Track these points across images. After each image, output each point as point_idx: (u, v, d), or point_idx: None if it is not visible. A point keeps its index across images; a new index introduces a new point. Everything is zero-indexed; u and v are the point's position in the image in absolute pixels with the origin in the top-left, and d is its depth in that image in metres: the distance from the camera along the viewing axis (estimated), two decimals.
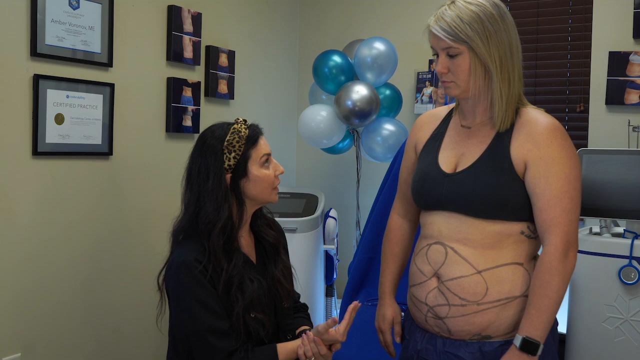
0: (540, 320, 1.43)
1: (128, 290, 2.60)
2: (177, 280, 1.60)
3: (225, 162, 1.63)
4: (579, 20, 3.02)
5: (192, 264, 1.57)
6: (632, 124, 2.68)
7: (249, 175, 1.65)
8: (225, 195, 1.62)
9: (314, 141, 3.16)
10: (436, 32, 1.50)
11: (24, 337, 2.21)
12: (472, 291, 1.49)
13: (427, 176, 1.60)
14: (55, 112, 2.28)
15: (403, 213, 1.81)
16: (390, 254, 1.80)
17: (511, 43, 1.51)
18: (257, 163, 1.66)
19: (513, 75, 1.51)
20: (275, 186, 1.71)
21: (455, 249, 1.52)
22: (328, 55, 3.13)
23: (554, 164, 1.46)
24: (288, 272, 1.82)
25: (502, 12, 1.51)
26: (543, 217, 1.46)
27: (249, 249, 1.75)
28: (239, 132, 1.66)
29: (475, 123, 1.59)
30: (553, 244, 1.44)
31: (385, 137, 3.02)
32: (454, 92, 1.55)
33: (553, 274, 1.43)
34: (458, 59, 1.50)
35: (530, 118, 1.52)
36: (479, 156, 1.53)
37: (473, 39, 1.47)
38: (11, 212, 2.16)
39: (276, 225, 1.87)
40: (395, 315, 1.77)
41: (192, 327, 1.57)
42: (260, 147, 1.68)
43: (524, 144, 1.49)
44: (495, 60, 1.48)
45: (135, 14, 2.61)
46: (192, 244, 1.63)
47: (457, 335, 1.53)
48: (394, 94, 3.14)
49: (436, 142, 1.65)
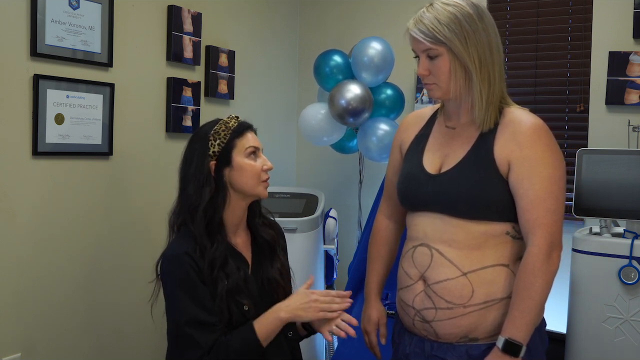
0: (524, 322, 1.43)
1: (128, 290, 2.60)
2: (168, 273, 1.63)
3: (210, 149, 1.67)
4: (579, 20, 3.02)
5: (182, 258, 1.60)
6: (632, 124, 2.68)
7: (232, 164, 1.68)
8: (206, 179, 1.66)
9: (314, 138, 3.17)
10: (415, 34, 1.52)
11: (24, 337, 2.21)
12: (458, 294, 1.49)
13: (412, 177, 1.60)
14: (55, 112, 2.28)
15: (389, 214, 1.81)
16: (376, 255, 1.80)
17: (490, 42, 1.51)
18: (242, 153, 1.69)
19: (494, 74, 1.51)
20: (262, 179, 1.71)
21: (441, 250, 1.52)
22: (329, 54, 3.13)
23: (537, 164, 1.45)
24: (286, 273, 1.82)
25: (480, 12, 1.52)
26: (526, 218, 1.46)
27: (244, 247, 1.75)
28: (227, 123, 1.71)
29: (459, 123, 1.59)
30: (536, 245, 1.44)
31: (380, 137, 3.01)
32: (437, 94, 1.56)
33: (536, 275, 1.43)
34: (438, 60, 1.50)
35: (514, 118, 1.52)
36: (462, 157, 1.53)
37: (451, 39, 1.47)
38: (11, 212, 2.16)
39: (276, 227, 1.87)
40: (381, 317, 1.78)
41: (177, 317, 1.60)
42: (247, 139, 1.71)
43: (507, 144, 1.49)
44: (475, 60, 1.48)
45: (135, 14, 2.61)
46: (185, 237, 1.66)
47: (445, 338, 1.52)
48: (395, 94, 3.10)
49: (421, 143, 1.65)
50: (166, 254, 1.66)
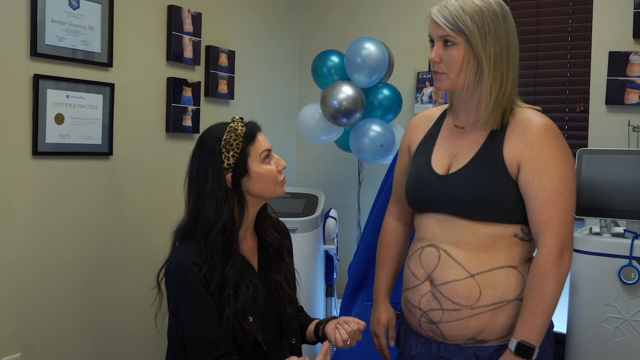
0: (536, 324, 1.42)
1: (127, 290, 2.60)
2: (174, 283, 1.59)
3: (225, 162, 1.61)
4: (579, 20, 3.02)
5: (189, 268, 1.56)
6: (632, 124, 2.68)
7: (250, 173, 1.63)
8: (225, 196, 1.60)
9: (313, 138, 3.17)
10: (437, 19, 1.49)
11: (24, 337, 2.21)
12: (465, 295, 1.48)
13: (420, 178, 1.59)
14: (55, 112, 2.28)
15: (398, 215, 1.80)
16: (385, 256, 1.79)
17: (509, 44, 1.50)
18: (257, 159, 1.64)
19: (507, 76, 1.50)
20: (279, 180, 1.68)
21: (449, 251, 1.51)
22: (327, 55, 3.13)
23: (547, 165, 1.44)
24: (291, 277, 1.79)
25: (505, 14, 1.51)
26: (537, 219, 1.45)
27: (251, 253, 1.72)
28: (236, 130, 1.63)
29: (468, 123, 1.58)
30: (547, 246, 1.43)
31: (372, 138, 3.00)
32: (444, 85, 1.54)
33: (548, 277, 1.42)
34: (453, 49, 1.49)
35: (524, 118, 1.51)
36: (471, 157, 1.52)
37: (472, 31, 1.46)
38: (11, 212, 2.16)
39: (281, 227, 1.84)
40: (390, 319, 1.76)
41: (185, 330, 1.57)
42: (259, 143, 1.65)
43: (517, 145, 1.48)
44: (490, 56, 1.47)
45: (135, 14, 2.61)
46: (191, 246, 1.61)
47: (452, 340, 1.51)
48: (393, 94, 3.08)
49: (429, 143, 1.64)
50: (172, 262, 1.60)
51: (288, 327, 1.74)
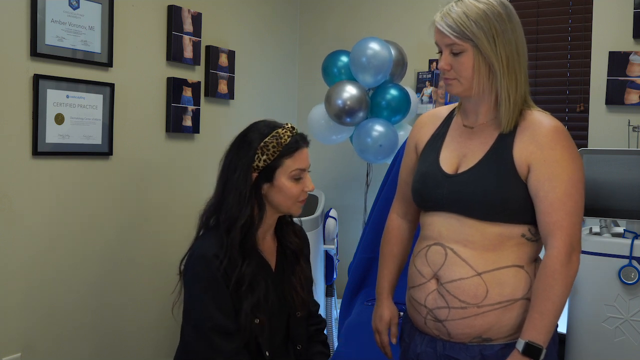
0: (543, 325, 1.42)
1: (128, 290, 2.60)
2: (194, 273, 1.60)
3: (255, 162, 1.62)
4: (579, 20, 3.02)
5: (210, 259, 1.57)
6: (632, 124, 2.68)
7: (274, 182, 1.64)
8: (249, 194, 1.61)
9: (324, 137, 3.19)
10: (441, 27, 1.48)
11: (24, 337, 2.21)
12: (472, 293, 1.47)
13: (428, 177, 1.59)
14: (55, 112, 2.28)
15: (402, 213, 1.80)
16: (389, 254, 1.78)
17: (518, 43, 1.50)
18: (286, 174, 1.64)
19: (520, 76, 1.50)
20: (299, 200, 1.68)
21: (455, 250, 1.50)
22: (336, 55, 3.14)
23: (557, 167, 1.44)
24: (307, 281, 1.80)
25: (509, 13, 1.50)
26: (546, 221, 1.45)
27: (270, 254, 1.73)
28: (281, 137, 1.63)
29: (477, 123, 1.57)
30: (556, 248, 1.43)
31: (375, 138, 3.00)
32: (456, 90, 1.53)
33: (556, 278, 1.42)
34: (461, 56, 1.48)
35: (534, 120, 1.51)
36: (481, 157, 1.52)
37: (478, 36, 1.45)
38: (11, 212, 2.16)
39: (302, 234, 1.84)
40: (393, 316, 1.76)
41: (200, 322, 1.57)
42: (296, 159, 1.65)
43: (527, 146, 1.48)
44: (502, 59, 1.47)
45: (135, 14, 2.61)
46: (214, 237, 1.62)
47: (457, 338, 1.51)
48: (401, 94, 3.05)
49: (437, 142, 1.63)
50: (193, 253, 1.62)
51: (295, 332, 1.75)
